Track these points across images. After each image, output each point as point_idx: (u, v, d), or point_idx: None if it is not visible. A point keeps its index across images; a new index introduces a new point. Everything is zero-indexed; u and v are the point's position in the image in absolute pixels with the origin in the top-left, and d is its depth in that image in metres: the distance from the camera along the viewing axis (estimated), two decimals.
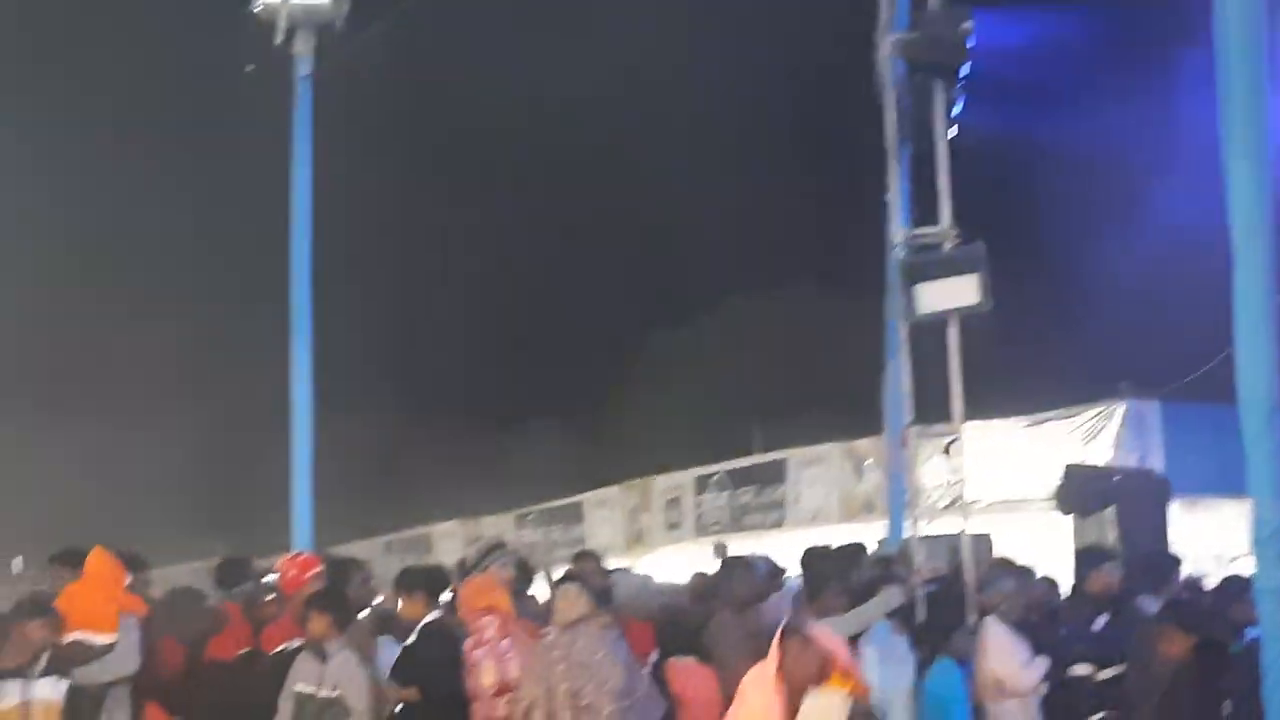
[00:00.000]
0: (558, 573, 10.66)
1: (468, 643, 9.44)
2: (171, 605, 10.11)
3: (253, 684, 9.56)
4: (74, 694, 9.08)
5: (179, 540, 20.96)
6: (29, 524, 16.87)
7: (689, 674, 9.50)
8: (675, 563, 18.95)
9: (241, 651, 9.88)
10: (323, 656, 9.20)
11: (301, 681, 9.25)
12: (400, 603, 9.65)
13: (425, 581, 9.79)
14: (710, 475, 21.45)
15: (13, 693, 9.07)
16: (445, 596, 9.92)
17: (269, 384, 13.86)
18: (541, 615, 9.78)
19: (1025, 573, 10.92)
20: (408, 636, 9.53)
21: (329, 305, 12.91)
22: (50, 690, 9.16)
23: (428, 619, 9.55)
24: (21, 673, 9.07)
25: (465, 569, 10.37)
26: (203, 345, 24.93)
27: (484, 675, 9.37)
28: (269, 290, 13.62)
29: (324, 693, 9.29)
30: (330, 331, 12.98)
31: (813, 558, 10.68)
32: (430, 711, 9.38)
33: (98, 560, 9.71)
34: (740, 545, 16.03)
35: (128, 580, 9.64)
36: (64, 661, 9.28)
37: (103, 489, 25.07)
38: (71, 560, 9.62)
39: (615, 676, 9.23)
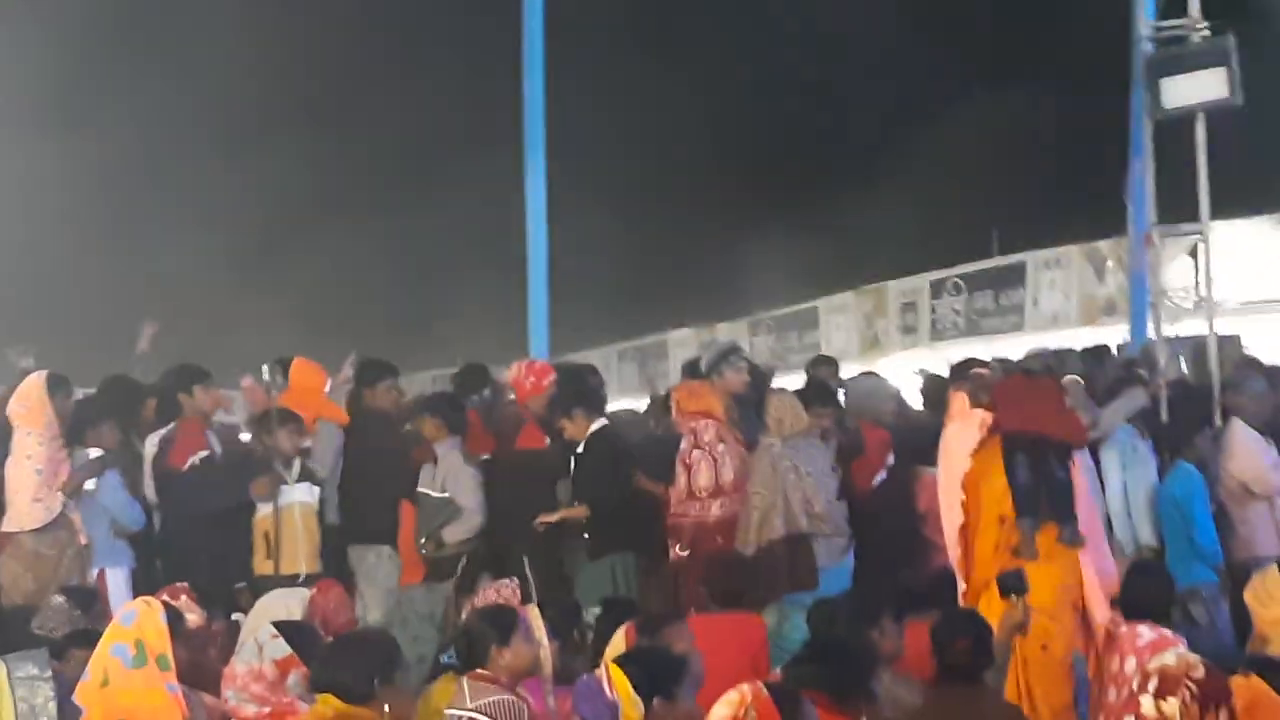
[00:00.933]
0: (778, 382, 10.72)
1: (683, 445, 9.56)
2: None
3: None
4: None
5: (418, 349, 21.40)
6: (273, 336, 17.35)
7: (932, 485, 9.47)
8: (910, 368, 18.87)
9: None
10: (434, 458, 9.51)
11: (422, 485, 9.56)
12: (566, 426, 9.78)
13: (579, 399, 9.92)
14: (946, 279, 21.25)
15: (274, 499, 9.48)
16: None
17: (501, 188, 13.97)
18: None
19: (1275, 374, 10.67)
20: None
21: (563, 107, 12.90)
22: (305, 494, 9.56)
23: (594, 429, 9.71)
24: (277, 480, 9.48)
25: (697, 371, 10.44)
26: (430, 149, 25.15)
27: (700, 477, 9.50)
28: (499, 87, 13.65)
29: (436, 493, 9.58)
30: (564, 135, 12.99)
31: (1034, 361, 10.58)
32: (602, 522, 9.56)
33: (299, 370, 10.07)
34: (977, 350, 15.89)
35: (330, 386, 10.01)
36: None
37: (341, 297, 25.59)
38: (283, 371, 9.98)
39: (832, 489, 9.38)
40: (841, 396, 10.49)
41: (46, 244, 21.80)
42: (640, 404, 13.20)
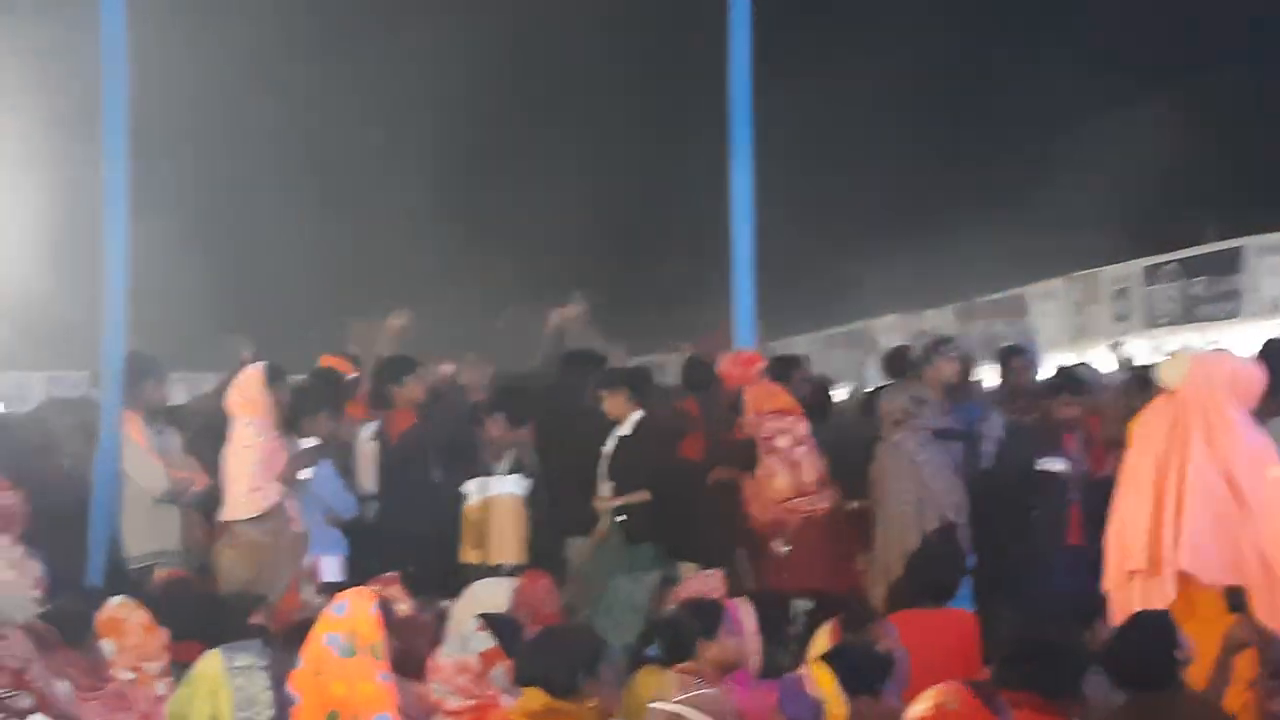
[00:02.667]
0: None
1: (783, 440, 9.48)
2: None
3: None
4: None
5: (628, 338, 21.47)
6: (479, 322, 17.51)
7: None
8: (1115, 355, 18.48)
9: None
10: None
11: None
12: (605, 402, 9.73)
13: (626, 378, 9.88)
14: (1160, 265, 20.74)
15: (476, 489, 9.59)
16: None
17: (706, 175, 13.93)
18: None
19: None
20: None
21: (768, 91, 12.82)
22: (514, 486, 9.66)
23: (638, 415, 9.65)
24: (486, 470, 9.60)
25: (903, 359, 10.34)
26: (634, 133, 25.19)
27: (805, 471, 9.42)
28: (706, 71, 13.62)
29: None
30: (769, 118, 12.91)
31: (1273, 350, 10.24)
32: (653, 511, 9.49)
33: None
34: (1192, 338, 15.50)
35: None
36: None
37: (541, 281, 25.69)
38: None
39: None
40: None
41: (266, 232, 22.30)
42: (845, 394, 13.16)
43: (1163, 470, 7.79)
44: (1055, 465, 9.79)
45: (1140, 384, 10.15)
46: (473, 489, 9.69)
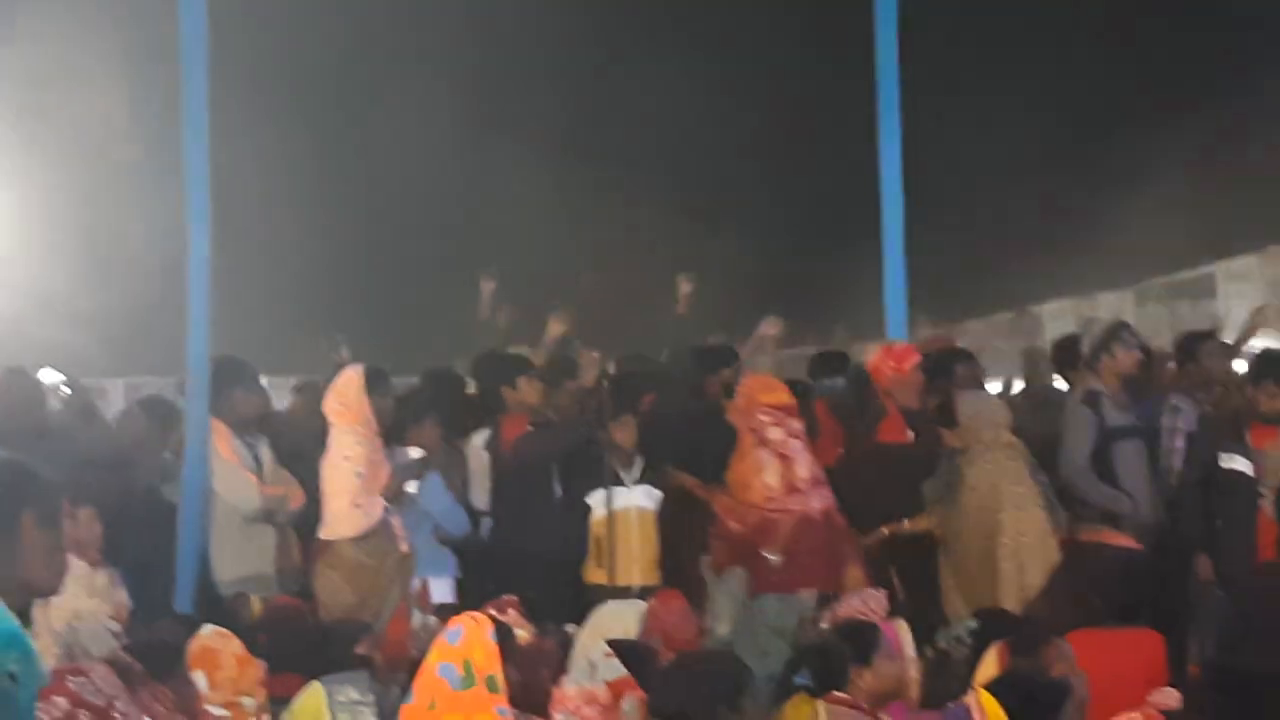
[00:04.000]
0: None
1: (776, 434, 9.43)
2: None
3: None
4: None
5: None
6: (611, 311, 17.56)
7: None
8: None
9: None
10: None
11: None
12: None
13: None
14: None
15: (602, 502, 9.58)
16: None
17: (854, 142, 13.89)
18: None
19: None
20: None
21: (916, 69, 12.78)
22: (643, 498, 9.63)
23: None
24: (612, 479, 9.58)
25: (1074, 350, 10.20)
26: (783, 119, 25.24)
27: (800, 467, 9.35)
28: (852, 70, 13.60)
29: None
30: (917, 100, 12.86)
31: None
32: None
33: None
34: None
35: None
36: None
37: (678, 269, 25.76)
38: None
39: None
40: None
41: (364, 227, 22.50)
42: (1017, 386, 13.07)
43: None
44: (1239, 464, 9.53)
45: None
46: (598, 501, 9.68)
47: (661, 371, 11.17)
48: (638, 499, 9.63)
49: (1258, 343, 10.94)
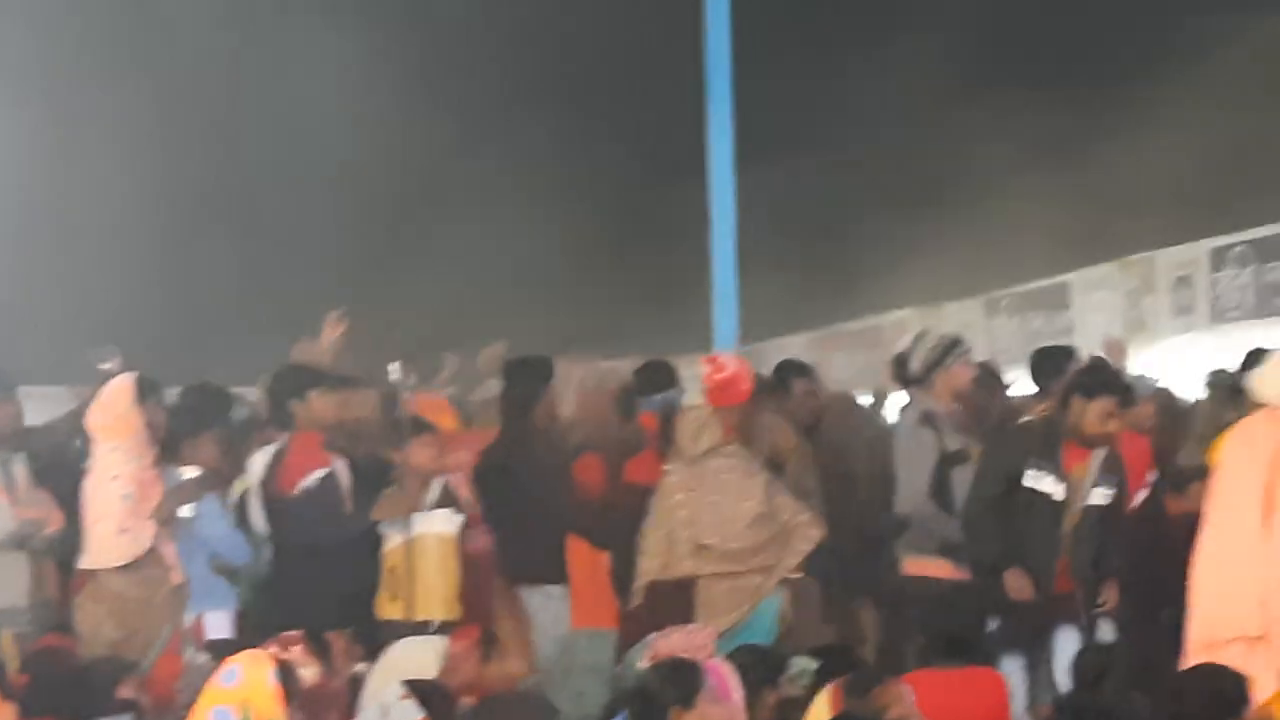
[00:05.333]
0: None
1: None
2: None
3: None
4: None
5: (589, 337, 21.52)
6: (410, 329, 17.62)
7: None
8: (1184, 356, 18.59)
9: None
10: None
11: None
12: None
13: None
14: (1230, 247, 20.85)
15: (398, 529, 9.52)
16: None
17: (683, 132, 14.04)
18: None
19: None
20: None
21: (752, 76, 12.96)
22: (443, 524, 9.57)
23: None
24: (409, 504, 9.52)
25: (906, 366, 10.27)
26: (606, 128, 25.46)
27: None
28: (682, 70, 13.76)
29: None
30: (751, 80, 13.01)
31: None
32: None
33: None
34: (1270, 335, 15.59)
35: None
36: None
37: (494, 281, 25.95)
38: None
39: None
40: None
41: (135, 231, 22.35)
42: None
43: (1272, 507, 7.78)
44: (1046, 484, 9.47)
45: (1226, 396, 10.11)
46: (394, 528, 9.61)
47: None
48: (438, 524, 9.56)
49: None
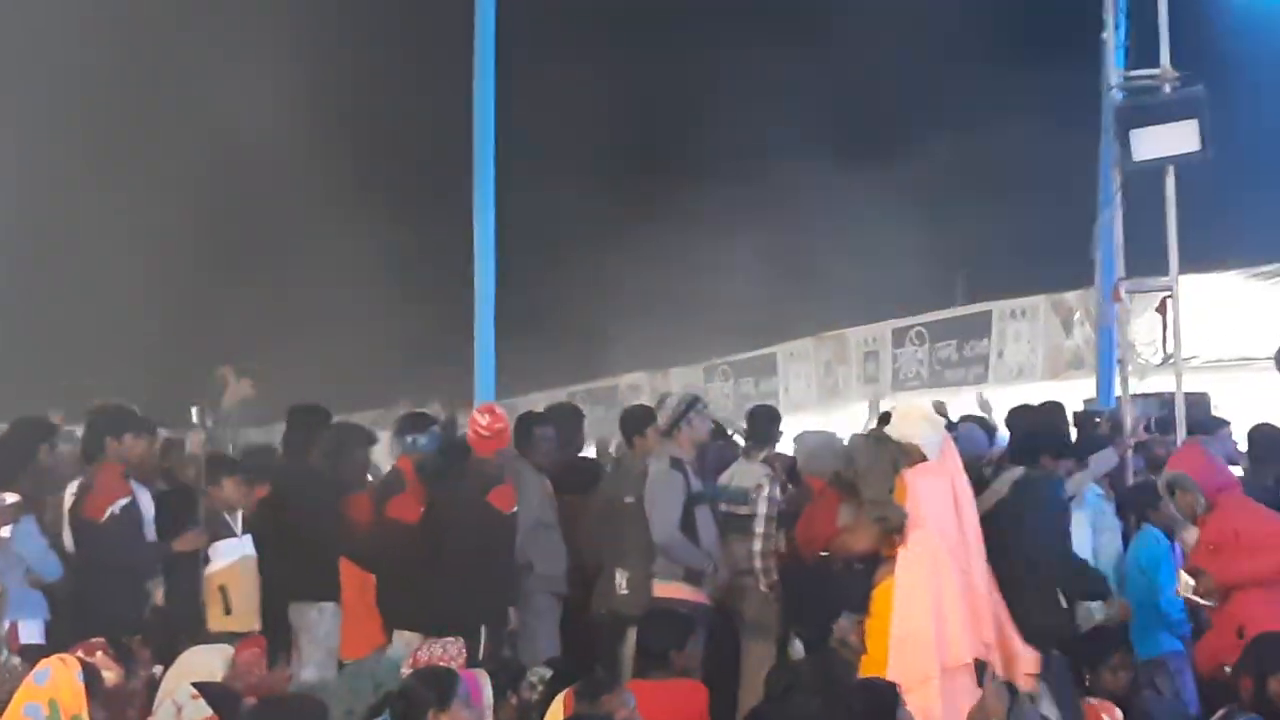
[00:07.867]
0: None
1: None
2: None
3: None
4: None
5: (356, 390, 21.33)
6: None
7: None
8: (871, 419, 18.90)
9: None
10: None
11: None
12: None
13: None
14: (909, 328, 21.33)
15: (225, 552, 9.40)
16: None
17: (448, 225, 13.96)
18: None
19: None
20: None
21: (511, 139, 12.95)
22: (250, 547, 9.47)
23: None
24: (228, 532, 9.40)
25: (651, 419, 10.36)
26: (379, 190, 25.14)
27: None
28: (448, 120, 13.68)
29: None
30: (513, 173, 13.00)
31: (1019, 417, 10.59)
32: None
33: None
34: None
35: None
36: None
37: (280, 336, 25.48)
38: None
39: None
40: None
41: None
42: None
43: (960, 550, 8.03)
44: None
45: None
46: (215, 552, 9.49)
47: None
48: (248, 548, 9.53)
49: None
